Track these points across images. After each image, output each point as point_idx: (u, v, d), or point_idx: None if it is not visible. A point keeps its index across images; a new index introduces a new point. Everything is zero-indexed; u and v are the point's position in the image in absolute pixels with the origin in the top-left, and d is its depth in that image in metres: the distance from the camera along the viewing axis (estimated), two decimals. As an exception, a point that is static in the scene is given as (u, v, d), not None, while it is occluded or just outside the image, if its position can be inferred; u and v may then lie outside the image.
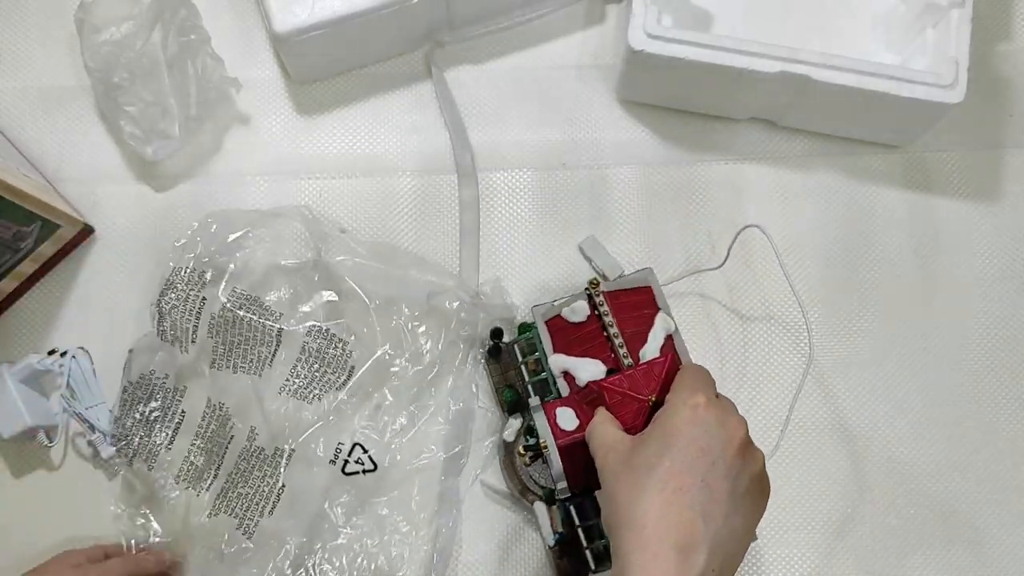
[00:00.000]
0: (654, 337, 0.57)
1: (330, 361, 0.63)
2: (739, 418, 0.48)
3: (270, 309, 0.64)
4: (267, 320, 0.63)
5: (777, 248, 0.62)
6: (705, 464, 0.45)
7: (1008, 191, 0.72)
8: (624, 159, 0.71)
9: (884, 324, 0.69)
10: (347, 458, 0.63)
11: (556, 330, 0.60)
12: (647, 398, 0.52)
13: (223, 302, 0.63)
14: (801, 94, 0.66)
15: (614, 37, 0.73)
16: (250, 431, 0.62)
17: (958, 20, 0.65)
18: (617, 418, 0.52)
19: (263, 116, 0.71)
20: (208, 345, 0.63)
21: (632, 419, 0.52)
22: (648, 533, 0.44)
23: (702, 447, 0.45)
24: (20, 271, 0.65)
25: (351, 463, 0.63)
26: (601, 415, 0.52)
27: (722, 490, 0.45)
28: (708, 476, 0.45)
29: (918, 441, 0.67)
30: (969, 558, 0.65)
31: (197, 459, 0.62)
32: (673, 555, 0.43)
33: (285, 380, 0.63)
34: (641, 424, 0.52)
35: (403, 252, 0.68)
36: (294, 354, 0.63)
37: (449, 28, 0.71)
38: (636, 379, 0.53)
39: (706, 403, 0.47)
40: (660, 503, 0.44)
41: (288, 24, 0.64)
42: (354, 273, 0.65)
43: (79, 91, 0.70)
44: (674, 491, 0.44)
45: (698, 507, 0.44)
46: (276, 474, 0.62)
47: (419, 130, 0.71)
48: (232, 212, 0.66)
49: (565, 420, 0.55)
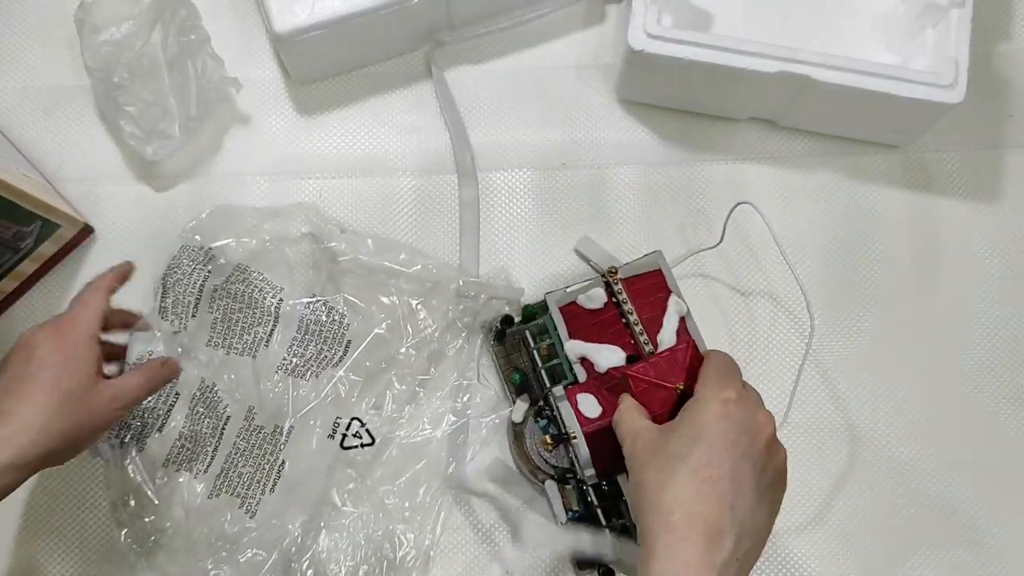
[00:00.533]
0: (669, 320, 0.59)
1: (327, 336, 0.64)
2: (767, 413, 0.49)
3: (270, 283, 0.64)
4: (267, 295, 0.64)
5: (771, 224, 0.63)
6: (734, 457, 0.46)
7: (1008, 191, 0.72)
8: (624, 159, 0.71)
9: (884, 324, 0.69)
10: (345, 432, 0.63)
11: (570, 317, 0.60)
12: (674, 386, 0.53)
13: (228, 275, 0.64)
14: (801, 94, 0.66)
15: (614, 37, 0.73)
16: (247, 411, 0.63)
17: (958, 20, 0.65)
18: (644, 406, 0.53)
19: (263, 116, 0.71)
20: (207, 320, 0.63)
21: (659, 407, 0.53)
22: (676, 519, 0.45)
23: (732, 441, 0.47)
24: (20, 271, 0.65)
25: (349, 437, 0.63)
26: (627, 403, 0.53)
27: (749, 483, 0.46)
28: (737, 468, 0.46)
29: (918, 441, 0.67)
30: (969, 558, 0.65)
31: (188, 442, 0.62)
32: (702, 540, 0.44)
33: (282, 359, 0.64)
34: (667, 412, 0.52)
35: (406, 246, 0.68)
36: (291, 332, 0.64)
37: (449, 28, 0.71)
38: (661, 367, 0.54)
39: (736, 398, 0.48)
40: (691, 491, 0.45)
41: (288, 24, 0.64)
42: (358, 264, 0.66)
43: (79, 91, 0.70)
44: (704, 481, 0.45)
45: (727, 498, 0.45)
46: (276, 451, 0.62)
47: (419, 130, 0.72)
48: (239, 207, 0.67)
49: (587, 407, 0.56)
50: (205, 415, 0.62)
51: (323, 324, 0.64)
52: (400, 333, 0.65)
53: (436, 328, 0.65)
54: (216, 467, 0.62)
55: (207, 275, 0.64)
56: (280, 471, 0.62)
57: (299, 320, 0.64)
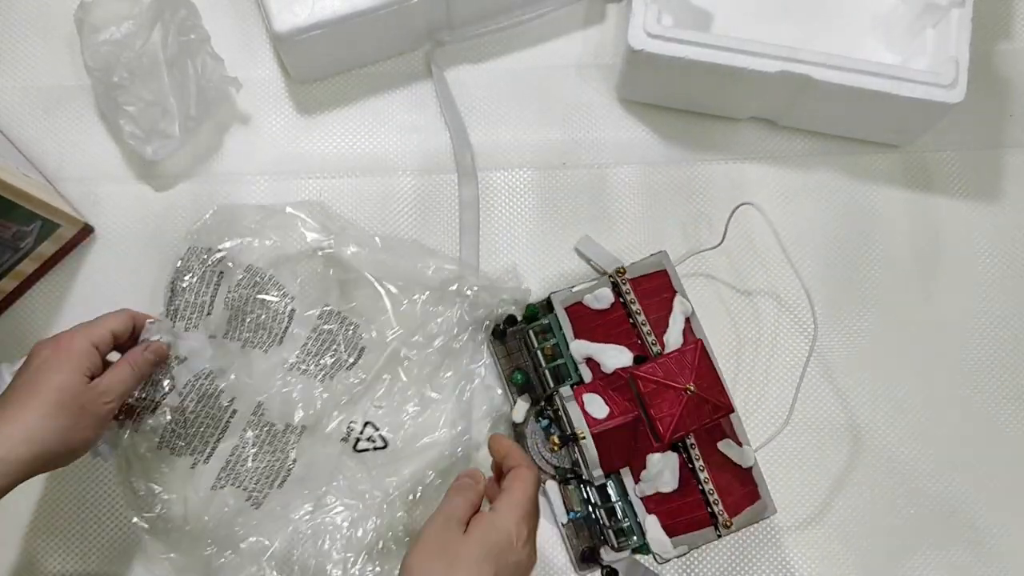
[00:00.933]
0: (674, 321, 0.59)
1: (341, 342, 0.64)
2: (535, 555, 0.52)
3: (284, 290, 0.64)
4: (279, 298, 0.64)
5: (773, 224, 0.63)
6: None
7: (1008, 191, 0.72)
8: (624, 158, 0.71)
9: (884, 324, 0.69)
10: (359, 436, 0.63)
11: (576, 317, 0.60)
12: (683, 387, 0.53)
13: (239, 277, 0.64)
14: (801, 94, 0.66)
15: (614, 37, 0.73)
16: (256, 406, 0.62)
17: (958, 20, 0.65)
18: (653, 407, 0.54)
19: (263, 116, 0.71)
20: (224, 317, 0.63)
21: (668, 407, 0.53)
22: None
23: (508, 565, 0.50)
24: (20, 271, 0.65)
25: (363, 440, 0.63)
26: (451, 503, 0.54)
27: None
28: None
29: (918, 441, 0.67)
30: (969, 558, 0.65)
31: (182, 428, 0.61)
32: None
33: (296, 358, 0.64)
34: (678, 413, 0.53)
35: (413, 243, 0.68)
36: (305, 333, 0.64)
37: (449, 28, 0.71)
38: (669, 367, 0.54)
39: (526, 538, 0.51)
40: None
41: (288, 24, 0.64)
42: (366, 263, 0.65)
43: (79, 91, 0.70)
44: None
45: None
46: (286, 449, 0.62)
47: (419, 130, 0.72)
48: (243, 206, 0.67)
49: (594, 407, 0.57)
50: (202, 403, 0.62)
51: (335, 332, 0.64)
52: (411, 334, 0.65)
53: (446, 328, 0.65)
54: (220, 458, 0.62)
55: (220, 277, 0.64)
56: (291, 469, 0.62)
57: (312, 329, 0.64)
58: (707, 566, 0.65)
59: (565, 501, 0.62)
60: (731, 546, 0.65)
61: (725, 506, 0.56)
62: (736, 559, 0.65)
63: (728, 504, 0.56)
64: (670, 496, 0.57)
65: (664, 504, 0.57)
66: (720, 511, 0.56)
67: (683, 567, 0.65)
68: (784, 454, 0.66)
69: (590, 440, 0.56)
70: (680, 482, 0.57)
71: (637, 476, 0.57)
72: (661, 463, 0.56)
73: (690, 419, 0.54)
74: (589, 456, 0.56)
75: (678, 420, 0.53)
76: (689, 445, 0.57)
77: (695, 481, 0.57)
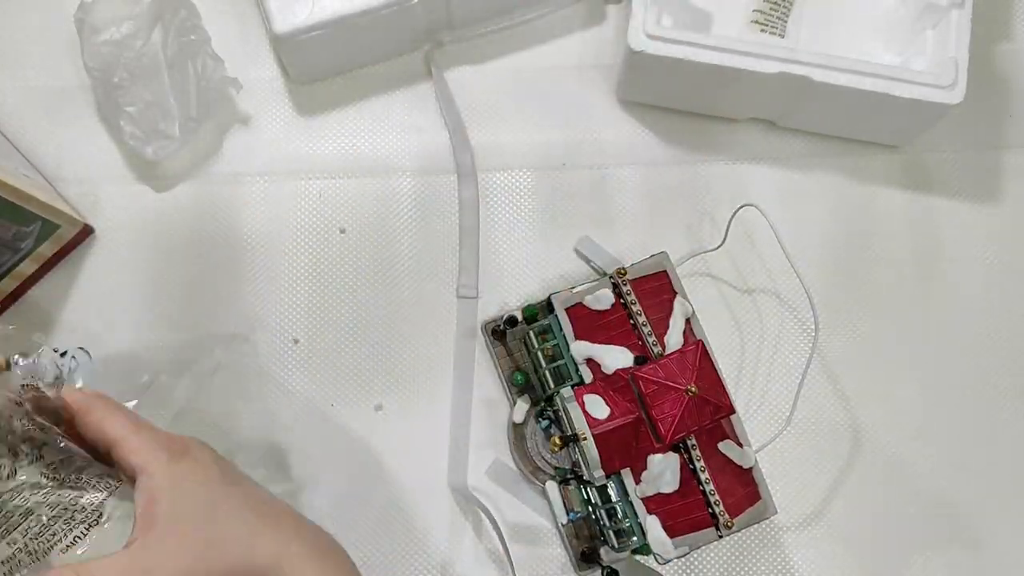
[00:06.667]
0: (675, 322, 0.59)
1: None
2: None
3: None
4: None
5: (774, 225, 0.63)
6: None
7: (1008, 191, 0.72)
8: (624, 159, 0.71)
9: (884, 324, 0.69)
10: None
11: (576, 318, 0.60)
12: (684, 387, 0.53)
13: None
14: (801, 94, 0.66)
15: (614, 37, 0.73)
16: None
17: (958, 20, 0.65)
18: (655, 407, 0.54)
19: (263, 116, 0.71)
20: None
21: (670, 408, 0.53)
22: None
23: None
24: (20, 271, 0.65)
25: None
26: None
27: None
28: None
29: (918, 441, 0.67)
30: (969, 558, 0.65)
31: None
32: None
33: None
34: (679, 413, 0.53)
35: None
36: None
37: (449, 28, 0.71)
38: (670, 368, 0.54)
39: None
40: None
41: (288, 24, 0.64)
42: None
43: (79, 91, 0.70)
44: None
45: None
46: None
47: (419, 130, 0.71)
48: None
49: (595, 408, 0.56)
50: None
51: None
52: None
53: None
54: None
55: None
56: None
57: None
58: (707, 566, 0.65)
59: (565, 502, 0.62)
60: (732, 546, 0.65)
61: (726, 507, 0.56)
62: (737, 559, 0.65)
63: (729, 505, 0.56)
64: (671, 497, 0.57)
65: (665, 505, 0.57)
66: (721, 512, 0.56)
67: (684, 567, 0.65)
68: (784, 454, 0.66)
69: (591, 441, 0.56)
70: (681, 483, 0.57)
71: (638, 477, 0.57)
72: (662, 464, 0.56)
73: (691, 420, 0.55)
74: (590, 457, 0.56)
75: (679, 421, 0.53)
76: (690, 446, 0.57)
77: (696, 482, 0.57)
